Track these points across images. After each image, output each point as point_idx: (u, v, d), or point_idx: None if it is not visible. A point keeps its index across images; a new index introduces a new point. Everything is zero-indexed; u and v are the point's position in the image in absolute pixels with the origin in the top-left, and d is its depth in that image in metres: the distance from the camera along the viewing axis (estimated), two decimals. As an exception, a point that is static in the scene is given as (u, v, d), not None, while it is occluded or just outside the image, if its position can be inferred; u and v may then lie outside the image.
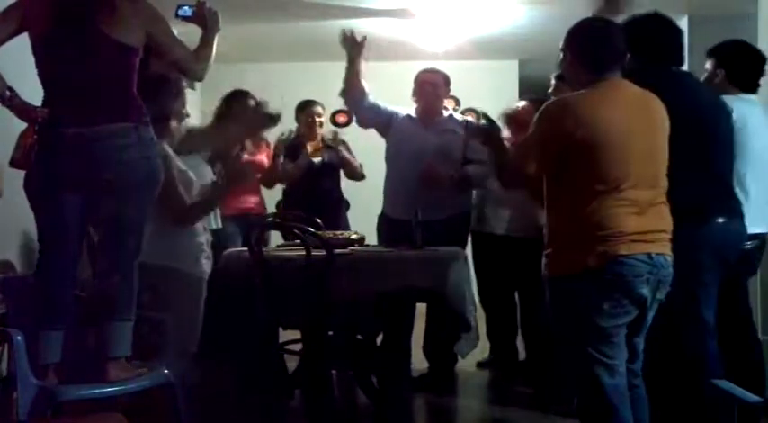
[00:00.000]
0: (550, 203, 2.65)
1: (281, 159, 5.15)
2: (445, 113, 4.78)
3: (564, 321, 2.61)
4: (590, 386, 2.55)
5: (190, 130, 3.78)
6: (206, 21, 3.06)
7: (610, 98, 2.57)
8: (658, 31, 3.06)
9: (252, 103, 4.61)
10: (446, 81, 4.76)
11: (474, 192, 4.91)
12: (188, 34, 3.09)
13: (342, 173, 5.44)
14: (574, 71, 2.67)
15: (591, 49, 2.62)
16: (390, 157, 4.74)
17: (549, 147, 2.56)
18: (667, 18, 3.09)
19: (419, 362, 4.67)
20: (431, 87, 4.69)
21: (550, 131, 2.56)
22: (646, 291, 2.52)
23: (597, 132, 2.49)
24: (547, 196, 2.66)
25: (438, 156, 4.53)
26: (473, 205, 4.92)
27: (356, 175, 5.39)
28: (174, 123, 3.45)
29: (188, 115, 3.61)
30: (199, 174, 3.62)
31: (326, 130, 5.68)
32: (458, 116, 4.88)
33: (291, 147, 5.28)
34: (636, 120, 2.56)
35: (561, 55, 2.71)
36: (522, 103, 4.74)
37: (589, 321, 2.51)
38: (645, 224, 2.52)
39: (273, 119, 4.46)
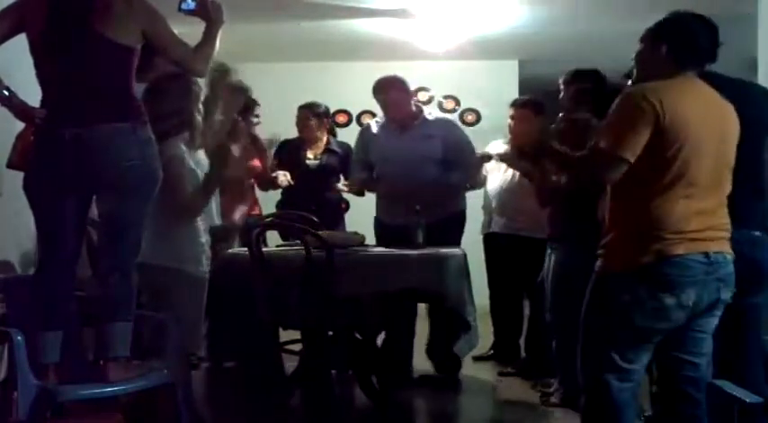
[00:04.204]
0: (614, 196, 2.57)
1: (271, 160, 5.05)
2: (422, 115, 4.77)
3: (598, 317, 2.54)
4: (598, 387, 2.51)
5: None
6: (210, 14, 3.02)
7: (691, 92, 2.52)
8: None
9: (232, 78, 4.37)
10: (403, 85, 4.73)
11: (484, 196, 5.08)
12: (190, 35, 3.08)
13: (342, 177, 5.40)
14: (661, 61, 2.57)
15: (689, 42, 2.56)
16: (376, 165, 4.82)
17: (642, 130, 2.41)
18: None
19: (420, 362, 4.67)
20: (390, 100, 4.70)
21: (642, 114, 2.42)
22: (693, 294, 2.44)
23: (678, 122, 2.41)
24: (611, 189, 2.57)
25: (417, 161, 4.60)
26: (484, 208, 5.09)
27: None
28: (196, 119, 3.44)
29: (200, 112, 3.58)
30: (204, 168, 3.61)
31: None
32: (432, 117, 4.83)
33: (294, 147, 5.26)
34: (712, 118, 2.51)
35: (646, 43, 2.63)
36: (512, 112, 4.81)
37: (626, 320, 2.45)
38: (704, 223, 2.45)
39: (244, 91, 4.36)
